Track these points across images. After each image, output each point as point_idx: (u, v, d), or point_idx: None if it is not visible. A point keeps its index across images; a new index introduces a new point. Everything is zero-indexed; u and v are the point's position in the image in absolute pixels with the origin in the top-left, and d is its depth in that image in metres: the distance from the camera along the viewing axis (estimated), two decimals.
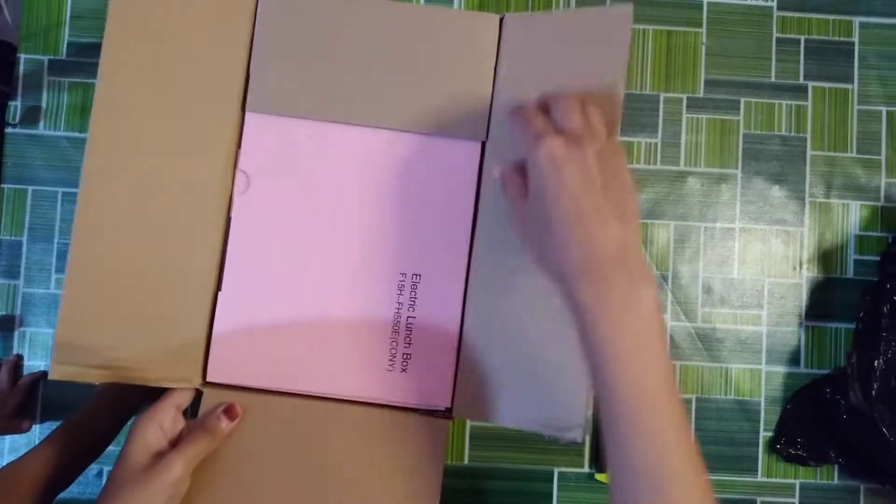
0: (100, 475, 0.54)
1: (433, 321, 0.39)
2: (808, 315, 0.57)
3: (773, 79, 0.58)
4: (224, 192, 0.38)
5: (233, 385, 0.38)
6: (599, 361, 0.31)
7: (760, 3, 0.58)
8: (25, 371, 0.55)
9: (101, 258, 0.37)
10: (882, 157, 0.58)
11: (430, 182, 0.39)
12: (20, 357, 0.55)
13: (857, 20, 0.59)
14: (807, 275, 0.57)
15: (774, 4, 0.58)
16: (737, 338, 0.57)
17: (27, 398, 0.54)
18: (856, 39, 0.59)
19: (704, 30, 0.58)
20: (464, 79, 0.39)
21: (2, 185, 0.56)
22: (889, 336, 0.51)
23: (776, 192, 0.58)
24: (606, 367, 0.30)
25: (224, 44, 0.39)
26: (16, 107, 0.57)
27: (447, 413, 0.39)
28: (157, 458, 0.35)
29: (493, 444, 0.55)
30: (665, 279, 0.57)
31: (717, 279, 0.57)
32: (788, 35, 0.58)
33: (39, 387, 0.55)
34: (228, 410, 0.37)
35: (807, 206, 0.58)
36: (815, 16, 0.59)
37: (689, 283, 0.57)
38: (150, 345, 0.37)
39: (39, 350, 0.55)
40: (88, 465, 0.46)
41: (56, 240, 0.56)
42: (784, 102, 0.58)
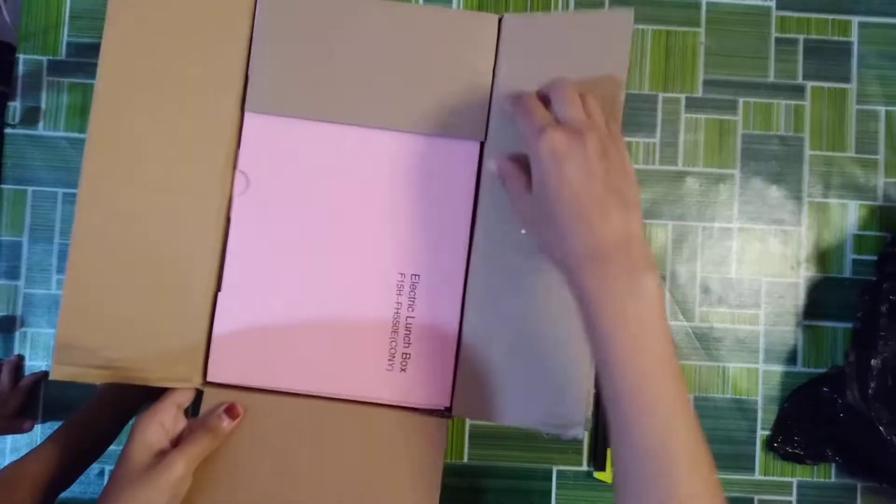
0: (101, 475, 0.54)
1: (432, 321, 0.39)
2: (806, 314, 0.57)
3: (772, 78, 0.58)
4: (223, 193, 0.39)
5: (233, 385, 0.38)
6: (602, 344, 0.31)
7: (759, 3, 0.58)
8: (27, 371, 0.55)
9: (101, 259, 0.37)
10: (880, 157, 0.58)
11: (429, 182, 0.39)
12: (21, 357, 0.55)
13: (856, 20, 0.59)
14: (805, 274, 0.57)
15: (773, 4, 0.59)
16: (734, 337, 0.57)
17: (28, 398, 0.54)
18: (854, 39, 0.59)
19: (703, 29, 0.58)
20: (462, 79, 0.39)
21: (1, 186, 0.56)
22: (887, 335, 0.51)
23: (774, 192, 0.58)
24: (609, 350, 0.31)
25: (223, 44, 0.39)
26: (15, 107, 0.57)
27: (447, 412, 0.39)
28: (159, 458, 0.35)
29: (493, 443, 0.56)
30: (663, 279, 0.57)
31: (715, 279, 0.57)
32: (787, 35, 0.58)
33: (41, 387, 0.55)
34: (230, 410, 0.37)
35: (805, 206, 0.58)
36: (814, 15, 0.59)
37: (687, 283, 0.57)
38: (151, 345, 0.37)
39: (40, 350, 0.55)
40: (90, 465, 0.46)
41: (56, 240, 0.56)
42: (782, 102, 0.58)
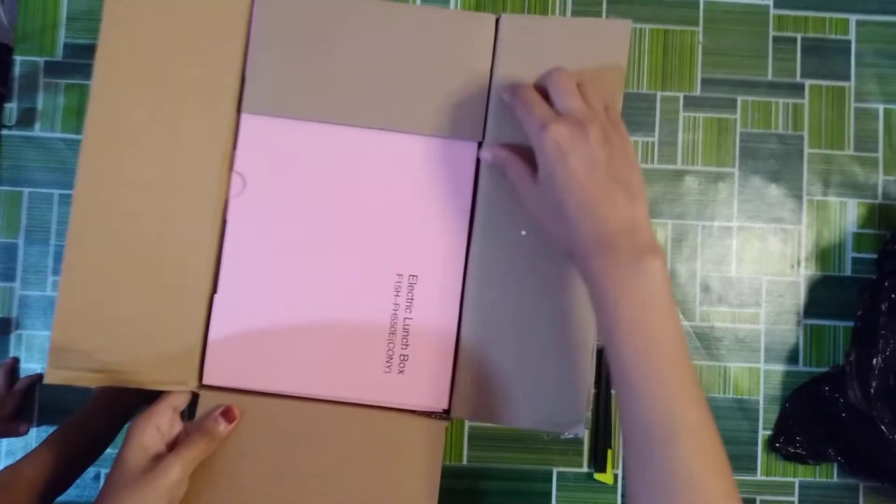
0: (97, 478, 0.54)
1: (430, 322, 0.38)
2: (807, 313, 0.57)
3: (770, 77, 0.58)
4: (220, 194, 0.38)
5: (229, 387, 0.38)
6: (608, 320, 0.32)
7: (757, 2, 0.58)
8: (22, 374, 0.55)
9: (96, 261, 0.37)
10: (879, 155, 0.58)
11: (427, 182, 0.39)
12: (17, 360, 0.55)
13: (854, 18, 0.59)
14: (805, 273, 0.57)
15: (771, 3, 0.58)
16: (735, 336, 0.57)
17: (24, 401, 0.54)
18: (852, 37, 0.58)
19: (701, 28, 0.58)
20: (460, 79, 0.39)
21: None
22: (887, 334, 0.51)
23: (773, 191, 0.58)
24: (615, 323, 0.32)
25: (219, 45, 0.38)
26: (12, 108, 0.56)
27: (445, 414, 0.38)
28: (155, 462, 0.35)
29: (492, 445, 0.55)
30: None
31: (715, 278, 0.57)
32: (785, 33, 0.58)
33: (36, 390, 0.55)
34: (226, 413, 0.37)
35: (804, 205, 0.58)
36: (812, 14, 0.58)
37: (687, 282, 0.57)
38: (146, 348, 0.37)
39: (36, 353, 0.55)
40: (86, 469, 0.46)
41: (52, 242, 0.56)
42: (781, 101, 0.58)
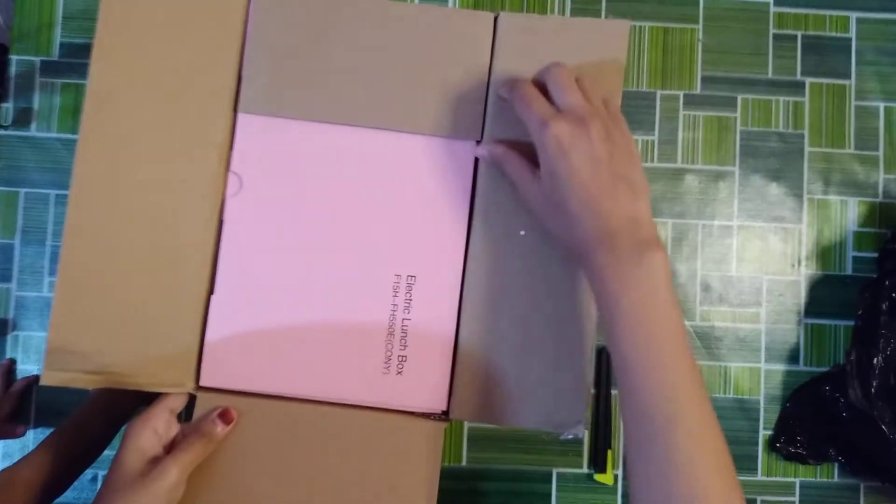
0: (94, 480, 0.53)
1: (429, 323, 0.38)
2: (807, 312, 0.57)
3: (770, 75, 0.58)
4: (216, 194, 0.38)
5: (227, 389, 0.38)
6: (611, 319, 0.32)
7: None
8: (19, 375, 0.55)
9: (93, 262, 0.36)
10: (880, 153, 0.58)
11: (425, 182, 0.39)
12: (13, 361, 0.55)
13: (854, 15, 0.58)
14: (805, 272, 0.57)
15: (771, 0, 0.58)
16: (735, 336, 0.56)
17: (21, 403, 0.54)
18: (853, 35, 0.58)
19: (701, 26, 0.58)
20: (458, 78, 0.38)
21: None
22: (888, 333, 0.51)
23: (774, 189, 0.57)
24: (617, 324, 0.32)
25: (216, 44, 0.38)
26: (8, 108, 0.56)
27: (444, 416, 0.38)
28: (153, 464, 0.35)
29: (491, 445, 0.55)
30: None
31: (716, 277, 0.57)
32: (785, 31, 0.58)
33: (33, 391, 0.54)
34: (223, 415, 0.36)
35: (805, 203, 0.57)
36: (812, 11, 0.58)
37: (688, 282, 0.57)
38: (143, 349, 0.37)
39: (33, 354, 0.55)
40: (83, 471, 0.46)
41: (49, 242, 0.55)
42: (781, 99, 0.58)
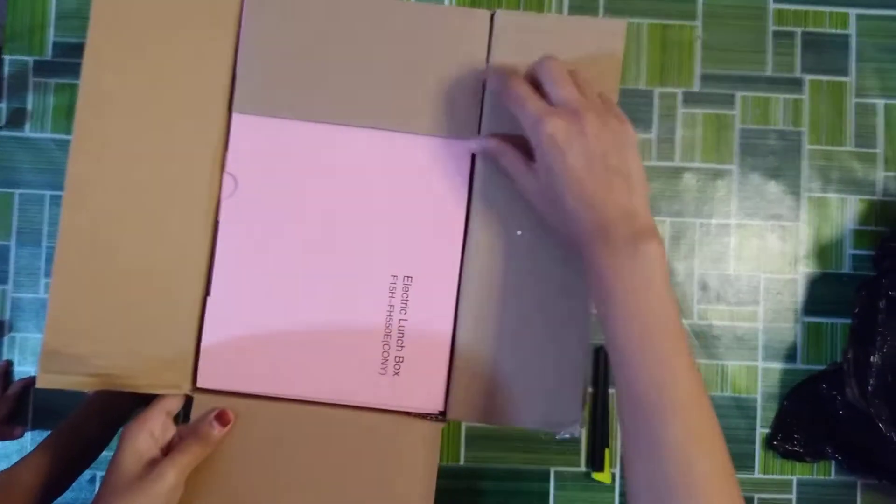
0: (92, 481, 0.53)
1: (426, 323, 0.38)
2: (805, 311, 0.57)
3: (769, 72, 0.58)
4: (211, 196, 0.38)
5: (224, 391, 0.38)
6: (605, 307, 0.33)
7: None
8: (16, 377, 0.54)
9: (87, 264, 0.36)
10: (879, 151, 0.58)
11: (421, 182, 0.38)
12: (10, 363, 0.54)
13: (854, 12, 0.58)
14: (803, 270, 0.57)
15: None
16: (733, 334, 0.56)
17: (18, 404, 0.54)
18: (852, 32, 0.58)
19: (700, 23, 0.58)
20: (454, 76, 0.38)
21: None
22: (885, 331, 0.51)
23: (772, 188, 0.57)
24: (611, 311, 0.32)
25: (209, 43, 0.38)
26: (1, 109, 0.56)
27: (441, 416, 0.38)
28: (150, 467, 0.35)
29: (489, 445, 0.55)
30: None
31: (713, 276, 0.57)
32: (784, 28, 0.58)
33: (30, 393, 0.54)
34: (220, 416, 0.36)
35: (803, 201, 0.57)
36: (811, 8, 0.58)
37: (685, 280, 0.56)
38: (139, 351, 0.37)
39: (29, 355, 0.55)
40: (81, 473, 0.46)
41: (44, 243, 0.55)
42: (780, 96, 0.58)
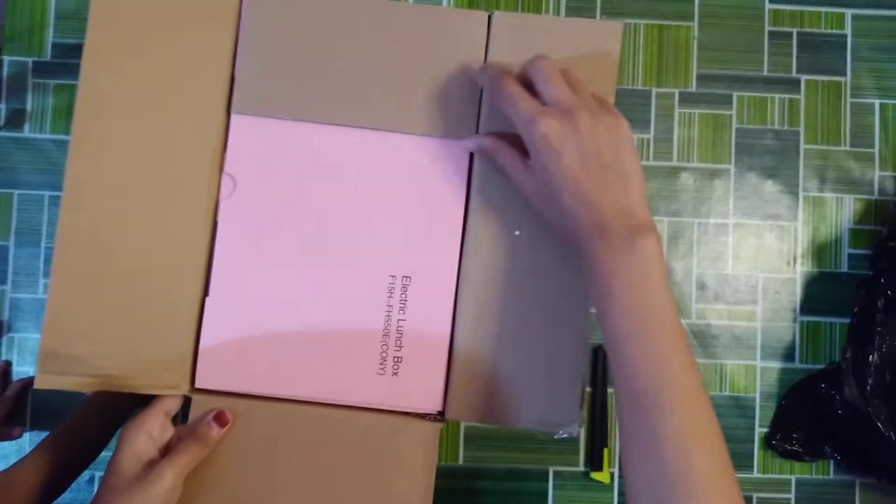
0: (91, 481, 0.53)
1: (424, 324, 0.38)
2: (803, 310, 0.57)
3: (766, 72, 0.58)
4: (210, 196, 0.38)
5: (222, 391, 0.38)
6: (602, 302, 0.33)
7: None
8: (15, 377, 0.54)
9: (86, 264, 0.36)
10: (875, 150, 0.58)
11: (419, 182, 0.39)
12: (9, 363, 0.54)
13: (850, 12, 0.58)
14: (801, 269, 0.57)
15: None
16: (731, 334, 0.56)
17: (17, 405, 0.54)
18: (848, 32, 0.58)
19: (696, 24, 0.58)
20: (452, 77, 0.38)
21: None
22: (883, 331, 0.51)
23: (770, 187, 0.57)
24: (608, 305, 0.33)
25: (208, 44, 0.38)
26: (0, 109, 0.56)
27: (439, 416, 0.38)
28: (148, 468, 0.35)
29: (488, 444, 0.55)
30: None
31: (711, 275, 0.57)
32: (780, 28, 0.58)
33: (29, 393, 0.54)
34: (219, 417, 0.36)
35: (800, 201, 0.57)
36: (807, 8, 0.58)
37: (683, 280, 0.57)
38: (137, 352, 0.37)
39: (28, 356, 0.55)
40: (80, 473, 0.46)
41: (43, 244, 0.55)
42: (777, 96, 0.58)
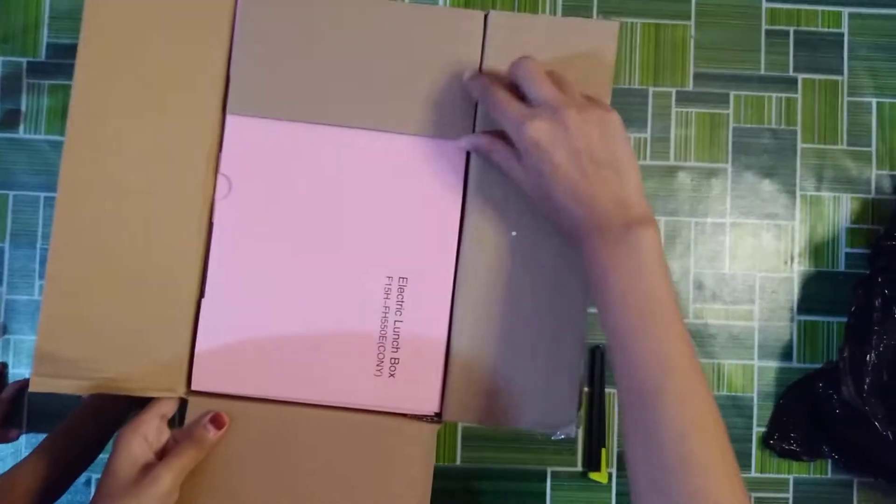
0: (88, 484, 0.53)
1: (421, 325, 0.38)
2: (800, 309, 0.57)
3: (763, 71, 0.58)
4: (205, 197, 0.38)
5: (218, 393, 0.38)
6: (601, 295, 0.33)
7: None
8: (11, 379, 0.54)
9: (81, 266, 0.36)
10: (872, 149, 0.58)
11: (416, 183, 0.38)
12: (5, 365, 0.54)
13: (847, 11, 0.58)
14: (798, 269, 0.57)
15: None
16: (729, 333, 0.56)
17: (13, 407, 0.53)
18: (845, 30, 0.58)
19: (693, 23, 0.58)
20: (449, 77, 0.38)
21: None
22: (881, 330, 0.51)
23: (767, 186, 0.57)
24: (607, 298, 0.32)
25: (204, 44, 0.38)
26: None
27: (437, 417, 0.38)
28: (145, 472, 0.34)
29: (485, 445, 0.55)
30: None
31: (709, 274, 0.57)
32: (777, 27, 0.58)
33: (25, 395, 0.54)
34: (215, 419, 0.36)
35: (798, 200, 0.57)
36: (804, 7, 0.58)
37: (681, 279, 0.57)
38: (133, 354, 0.36)
39: (24, 358, 0.54)
40: (78, 476, 0.46)
41: (38, 245, 0.55)
42: (774, 95, 0.58)
